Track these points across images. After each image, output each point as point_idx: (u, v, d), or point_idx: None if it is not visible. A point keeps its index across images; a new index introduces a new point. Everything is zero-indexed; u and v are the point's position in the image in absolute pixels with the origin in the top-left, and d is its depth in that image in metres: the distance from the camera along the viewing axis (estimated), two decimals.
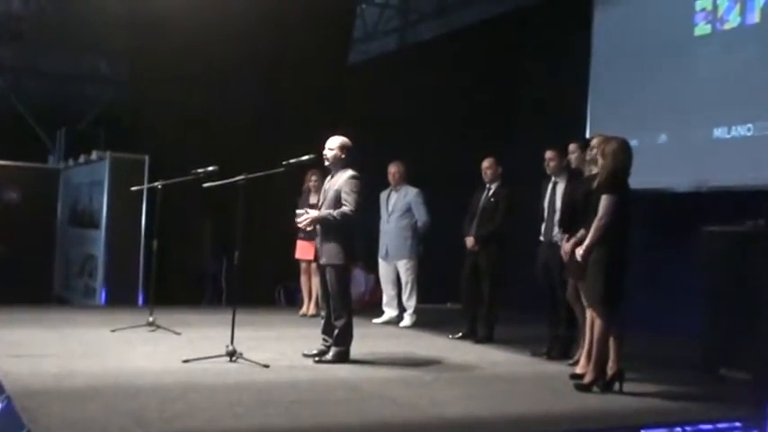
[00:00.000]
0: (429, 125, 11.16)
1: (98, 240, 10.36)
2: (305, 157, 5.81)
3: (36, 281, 11.38)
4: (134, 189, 8.36)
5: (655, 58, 8.05)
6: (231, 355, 5.44)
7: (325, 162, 5.88)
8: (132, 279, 9.98)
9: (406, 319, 8.08)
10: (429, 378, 5.32)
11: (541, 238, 6.41)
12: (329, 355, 5.69)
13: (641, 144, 7.80)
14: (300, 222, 5.84)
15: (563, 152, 6.33)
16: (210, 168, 6.24)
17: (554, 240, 6.12)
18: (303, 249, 8.25)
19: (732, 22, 7.38)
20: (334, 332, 5.71)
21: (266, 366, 5.32)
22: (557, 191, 6.35)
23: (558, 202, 6.22)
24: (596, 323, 5.06)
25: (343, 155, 5.82)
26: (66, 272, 11.80)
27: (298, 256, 8.46)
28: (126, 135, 11.61)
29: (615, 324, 5.03)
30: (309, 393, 4.68)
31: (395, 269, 8.21)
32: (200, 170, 6.34)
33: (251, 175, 5.67)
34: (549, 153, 6.43)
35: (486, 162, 7.24)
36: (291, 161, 5.77)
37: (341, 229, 5.69)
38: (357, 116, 10.31)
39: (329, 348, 5.74)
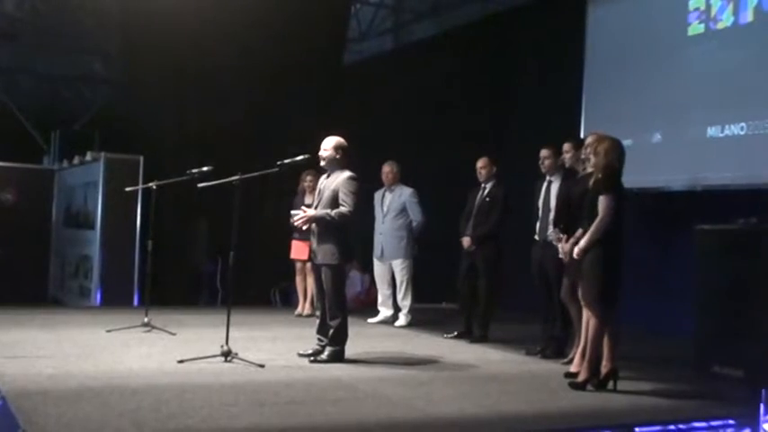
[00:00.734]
0: (424, 125, 11.18)
1: (93, 241, 10.35)
2: (299, 158, 5.82)
3: (31, 282, 11.39)
4: (129, 190, 8.35)
5: (648, 57, 8.07)
6: (226, 355, 5.44)
7: (321, 162, 5.88)
8: (127, 280, 9.99)
9: (402, 319, 8.09)
10: (425, 377, 5.33)
11: (536, 238, 6.43)
12: (324, 355, 5.70)
13: (636, 143, 7.83)
14: (297, 221, 5.85)
15: (557, 151, 6.35)
16: (205, 169, 6.23)
17: (549, 239, 6.13)
18: (298, 249, 8.25)
19: (725, 21, 7.40)
20: (330, 332, 5.71)
21: (261, 366, 5.32)
22: (551, 190, 6.37)
23: (553, 201, 6.23)
24: (591, 322, 5.08)
25: (338, 155, 5.82)
26: (62, 273, 11.79)
27: (293, 256, 8.46)
28: (120, 136, 11.61)
29: (610, 323, 5.05)
30: (304, 393, 4.68)
31: (390, 269, 8.22)
32: (194, 170, 6.33)
33: (245, 176, 5.67)
34: (544, 152, 6.45)
35: (481, 162, 7.25)
36: (286, 161, 5.77)
37: (336, 229, 5.70)
38: (352, 116, 10.33)
39: (324, 348, 5.74)
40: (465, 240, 7.14)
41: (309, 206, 6.34)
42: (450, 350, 6.53)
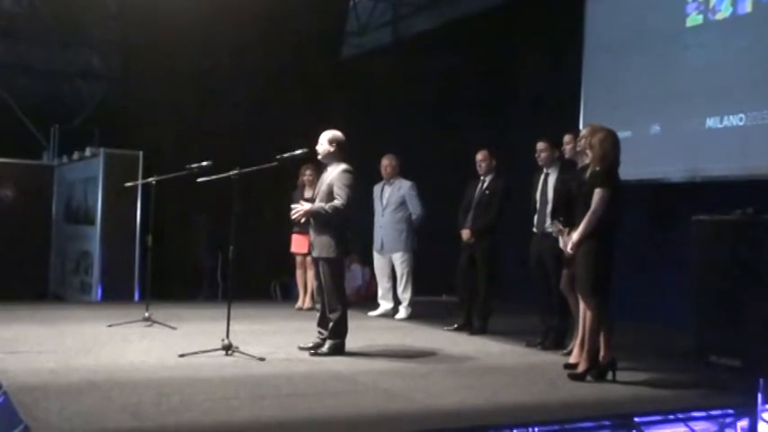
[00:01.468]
0: (423, 118, 11.18)
1: (93, 237, 10.37)
2: (298, 152, 5.82)
3: (32, 278, 11.41)
4: (128, 185, 8.35)
5: (647, 48, 8.07)
6: (227, 348, 5.46)
7: (318, 156, 5.90)
8: (128, 275, 10.01)
9: (402, 312, 8.10)
10: (425, 370, 5.35)
11: (534, 230, 6.44)
12: (324, 348, 5.72)
13: (635, 134, 7.84)
14: (294, 215, 5.87)
15: (553, 144, 6.36)
16: (204, 163, 6.23)
17: (547, 231, 6.14)
18: (298, 243, 8.26)
19: (724, 11, 7.39)
20: (329, 325, 5.73)
21: (262, 360, 5.34)
22: (548, 182, 6.38)
23: (550, 194, 6.24)
24: (588, 314, 5.10)
25: (332, 148, 5.83)
26: (62, 268, 11.81)
27: (293, 249, 8.48)
28: (120, 131, 11.60)
29: (605, 314, 5.06)
30: (305, 386, 4.70)
31: (390, 262, 8.24)
32: (194, 165, 6.34)
33: (244, 170, 5.68)
34: (541, 144, 6.45)
35: (481, 154, 7.25)
36: (285, 155, 5.78)
37: (333, 222, 5.71)
38: (351, 110, 10.34)
39: (325, 341, 5.76)
40: (464, 233, 7.15)
41: (309, 200, 6.36)
42: (450, 342, 6.55)
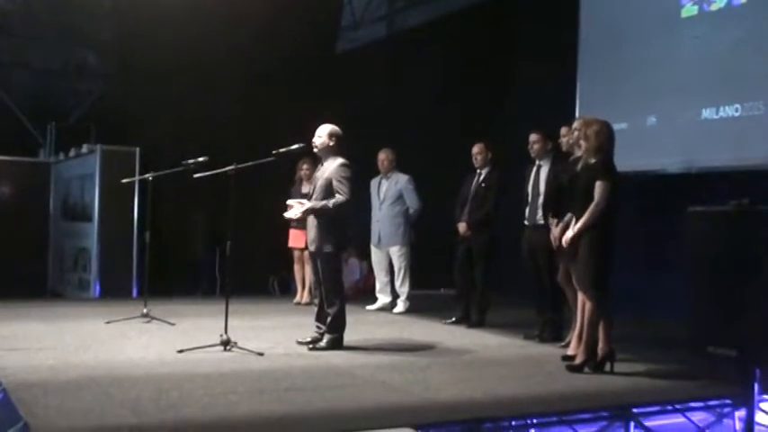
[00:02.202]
0: (419, 112, 11.17)
1: (91, 233, 10.37)
2: (294, 146, 5.82)
3: (30, 275, 11.39)
4: (125, 181, 8.37)
5: (642, 40, 8.06)
6: (225, 344, 5.47)
7: (314, 150, 5.89)
8: (126, 271, 10.01)
9: (400, 306, 8.12)
10: (423, 363, 5.37)
11: (526, 222, 6.43)
12: (323, 343, 5.73)
13: (630, 126, 7.84)
14: (292, 215, 5.85)
15: (546, 136, 6.36)
16: (201, 159, 6.24)
17: (538, 224, 6.15)
18: (296, 238, 8.27)
19: (719, 2, 7.38)
20: (328, 319, 5.74)
21: (260, 354, 5.35)
22: (540, 174, 6.38)
23: (542, 186, 6.25)
24: (588, 306, 5.11)
25: (331, 142, 5.83)
26: (60, 265, 11.82)
27: (291, 244, 8.49)
28: (116, 128, 11.59)
29: (606, 306, 5.07)
30: (304, 380, 4.71)
31: (387, 256, 8.25)
32: (190, 161, 6.35)
33: (241, 165, 5.68)
34: (533, 136, 6.44)
35: (477, 147, 7.25)
36: (281, 150, 5.78)
37: (332, 217, 5.71)
38: (347, 104, 10.32)
39: (323, 336, 5.77)
40: (461, 226, 7.16)
41: (306, 194, 6.36)
42: (448, 336, 6.56)
